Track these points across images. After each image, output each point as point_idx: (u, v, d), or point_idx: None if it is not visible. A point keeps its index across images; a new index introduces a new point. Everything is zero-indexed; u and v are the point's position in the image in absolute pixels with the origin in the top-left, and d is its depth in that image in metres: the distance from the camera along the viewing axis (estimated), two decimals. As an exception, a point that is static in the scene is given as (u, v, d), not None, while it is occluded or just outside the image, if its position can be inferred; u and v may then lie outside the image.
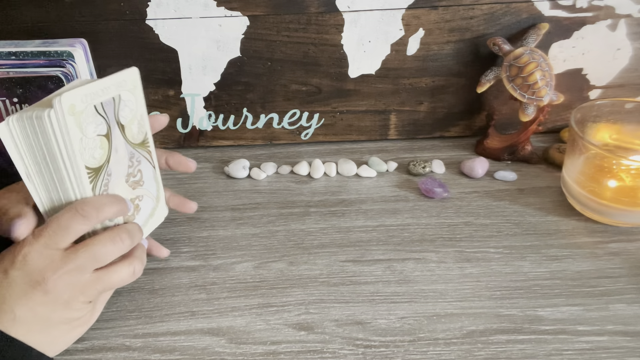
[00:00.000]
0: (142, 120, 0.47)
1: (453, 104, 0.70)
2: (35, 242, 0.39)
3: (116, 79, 0.43)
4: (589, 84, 0.69)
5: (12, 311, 0.38)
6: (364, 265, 0.53)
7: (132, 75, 0.45)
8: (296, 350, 0.45)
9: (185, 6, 0.61)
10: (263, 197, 0.63)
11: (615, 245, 0.55)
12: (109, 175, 0.43)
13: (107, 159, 0.43)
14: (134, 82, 0.45)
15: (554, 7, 0.63)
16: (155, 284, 0.52)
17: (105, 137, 0.42)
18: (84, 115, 0.40)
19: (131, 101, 0.45)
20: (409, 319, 0.47)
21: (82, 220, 0.40)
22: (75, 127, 0.39)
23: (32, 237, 0.39)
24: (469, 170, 0.65)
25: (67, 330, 0.42)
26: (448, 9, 0.63)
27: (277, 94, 0.68)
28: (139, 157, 0.47)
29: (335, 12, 0.63)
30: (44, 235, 0.39)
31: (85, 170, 0.41)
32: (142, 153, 0.47)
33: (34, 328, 0.39)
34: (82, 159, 0.40)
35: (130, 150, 0.46)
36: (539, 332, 0.46)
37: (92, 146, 0.41)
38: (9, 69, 0.54)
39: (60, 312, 0.40)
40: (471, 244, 0.55)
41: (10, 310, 0.38)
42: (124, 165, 0.45)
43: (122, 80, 0.44)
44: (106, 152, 0.42)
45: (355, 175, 0.67)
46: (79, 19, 0.62)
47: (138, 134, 0.46)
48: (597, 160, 0.57)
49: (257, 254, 0.55)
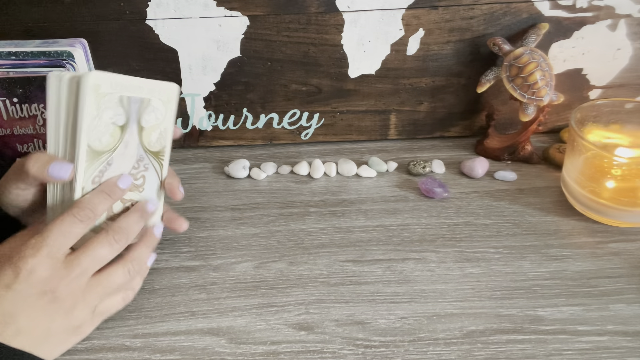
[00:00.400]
0: (164, 133, 0.47)
1: (453, 104, 0.70)
2: (38, 253, 0.39)
3: (153, 85, 0.45)
4: (589, 84, 0.69)
5: (16, 323, 0.38)
6: (364, 265, 0.53)
7: (170, 89, 0.46)
8: (296, 350, 0.45)
9: (185, 6, 0.61)
10: (263, 197, 0.63)
11: (615, 245, 0.55)
12: (109, 164, 0.43)
13: (113, 149, 0.43)
14: (169, 96, 0.46)
15: (554, 7, 0.63)
16: (155, 284, 0.52)
17: (119, 128, 0.43)
18: (106, 99, 0.41)
19: (160, 111, 0.46)
20: (409, 319, 0.47)
21: (81, 225, 0.41)
22: (92, 104, 0.40)
23: (32, 249, 0.39)
24: (469, 170, 0.65)
25: (65, 339, 0.42)
26: (448, 9, 0.63)
27: (277, 94, 0.68)
28: (147, 164, 0.47)
29: (335, 12, 0.63)
30: (45, 245, 0.39)
31: (85, 147, 0.41)
32: (153, 162, 0.47)
33: (37, 338, 0.40)
34: (87, 136, 0.41)
35: (141, 154, 0.46)
36: (539, 332, 0.46)
37: (103, 130, 0.42)
38: (9, 69, 0.55)
39: (62, 320, 0.41)
40: (471, 244, 0.55)
41: (14, 323, 0.38)
42: (129, 163, 0.45)
43: (158, 88, 0.45)
44: (115, 142, 0.43)
45: (355, 175, 0.67)
46: (79, 19, 0.62)
47: (156, 143, 0.47)
48: (597, 160, 0.57)
49: (257, 254, 0.55)
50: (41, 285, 0.39)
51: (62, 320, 0.41)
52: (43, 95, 0.55)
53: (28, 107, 0.56)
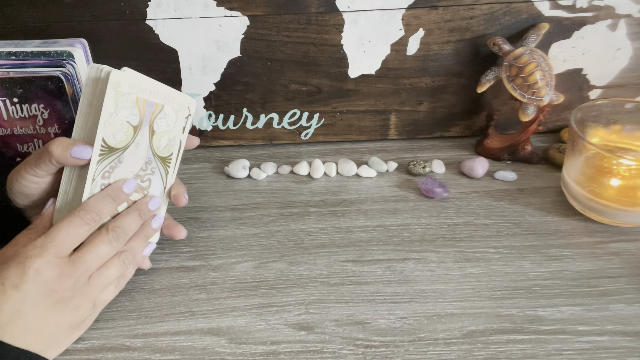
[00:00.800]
0: (173, 140, 0.49)
1: (453, 104, 0.70)
2: (45, 253, 0.40)
3: (169, 92, 0.46)
4: (589, 84, 0.69)
5: (24, 321, 0.39)
6: (364, 265, 0.53)
7: (185, 100, 0.48)
8: (296, 350, 0.45)
9: (185, 6, 0.61)
10: (263, 197, 0.63)
11: (615, 245, 0.55)
12: (120, 162, 0.45)
13: (125, 147, 0.44)
14: (182, 106, 0.48)
15: (554, 7, 0.63)
16: (155, 284, 0.52)
17: (133, 127, 0.44)
18: (124, 98, 0.43)
19: (171, 118, 0.47)
20: (409, 319, 0.47)
21: (86, 227, 0.43)
22: (111, 101, 0.42)
23: (39, 249, 0.40)
24: (469, 170, 0.65)
25: (70, 335, 0.43)
26: (448, 9, 0.63)
27: (277, 94, 0.68)
28: (154, 168, 0.48)
29: (335, 12, 0.63)
30: (53, 246, 0.40)
31: (101, 142, 0.42)
32: (160, 167, 0.49)
33: (44, 336, 0.41)
34: (103, 130, 0.42)
35: (150, 157, 0.47)
36: (539, 332, 0.46)
37: (118, 127, 0.43)
38: (9, 69, 0.55)
39: (68, 318, 0.42)
40: (471, 244, 0.55)
41: (22, 322, 0.39)
42: (137, 163, 0.46)
43: (172, 96, 0.47)
44: (127, 141, 0.44)
45: (355, 175, 0.67)
46: (79, 19, 0.62)
47: (164, 149, 0.48)
48: (597, 160, 0.57)
49: (257, 254, 0.55)
50: (48, 285, 0.40)
51: (68, 317, 0.42)
52: (43, 95, 0.55)
53: (28, 107, 0.56)
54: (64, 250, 0.41)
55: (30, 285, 0.39)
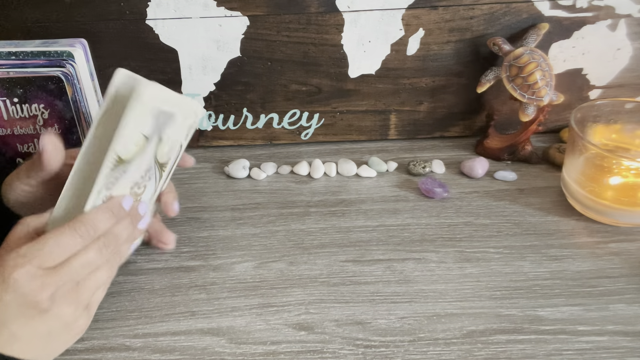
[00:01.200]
0: (173, 146, 0.47)
1: (453, 104, 0.70)
2: (27, 263, 0.38)
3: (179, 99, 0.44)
4: (589, 84, 0.69)
5: (9, 330, 0.38)
6: (364, 265, 0.53)
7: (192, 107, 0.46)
8: (296, 350, 0.45)
9: (185, 6, 0.61)
10: (263, 197, 0.63)
11: (615, 245, 0.55)
12: (124, 172, 0.43)
13: (133, 158, 0.43)
14: (189, 113, 0.46)
15: (554, 7, 0.63)
16: (155, 284, 0.52)
17: (145, 139, 0.42)
18: (144, 110, 0.41)
19: (179, 126, 0.45)
20: (409, 319, 0.47)
21: (79, 241, 0.40)
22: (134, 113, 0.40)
23: (22, 258, 0.38)
24: (469, 170, 0.65)
25: (65, 340, 0.42)
26: (448, 9, 0.63)
27: (277, 94, 0.68)
28: (151, 175, 0.46)
29: (335, 12, 0.63)
30: (37, 256, 0.38)
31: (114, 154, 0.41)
32: (156, 172, 0.47)
33: (35, 343, 0.39)
34: (117, 142, 0.40)
35: (152, 164, 0.45)
36: (539, 332, 0.46)
37: (131, 139, 0.41)
38: (9, 69, 0.55)
39: (60, 325, 0.40)
40: (471, 244, 0.55)
41: (7, 330, 0.38)
42: (139, 172, 0.45)
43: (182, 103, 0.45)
44: (137, 152, 0.42)
45: (355, 175, 0.67)
46: (79, 19, 0.62)
47: (164, 155, 0.46)
48: (597, 160, 0.57)
49: (257, 254, 0.55)
50: (28, 297, 0.38)
51: (58, 324, 0.40)
52: (43, 95, 0.55)
53: (28, 107, 0.56)
54: (49, 260, 0.39)
55: (11, 296, 0.37)
